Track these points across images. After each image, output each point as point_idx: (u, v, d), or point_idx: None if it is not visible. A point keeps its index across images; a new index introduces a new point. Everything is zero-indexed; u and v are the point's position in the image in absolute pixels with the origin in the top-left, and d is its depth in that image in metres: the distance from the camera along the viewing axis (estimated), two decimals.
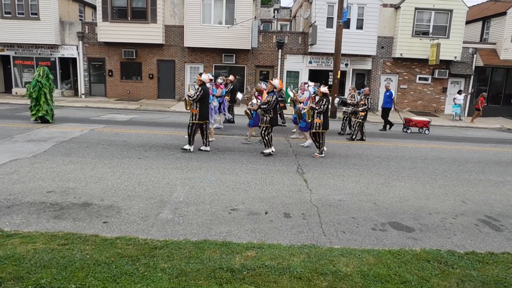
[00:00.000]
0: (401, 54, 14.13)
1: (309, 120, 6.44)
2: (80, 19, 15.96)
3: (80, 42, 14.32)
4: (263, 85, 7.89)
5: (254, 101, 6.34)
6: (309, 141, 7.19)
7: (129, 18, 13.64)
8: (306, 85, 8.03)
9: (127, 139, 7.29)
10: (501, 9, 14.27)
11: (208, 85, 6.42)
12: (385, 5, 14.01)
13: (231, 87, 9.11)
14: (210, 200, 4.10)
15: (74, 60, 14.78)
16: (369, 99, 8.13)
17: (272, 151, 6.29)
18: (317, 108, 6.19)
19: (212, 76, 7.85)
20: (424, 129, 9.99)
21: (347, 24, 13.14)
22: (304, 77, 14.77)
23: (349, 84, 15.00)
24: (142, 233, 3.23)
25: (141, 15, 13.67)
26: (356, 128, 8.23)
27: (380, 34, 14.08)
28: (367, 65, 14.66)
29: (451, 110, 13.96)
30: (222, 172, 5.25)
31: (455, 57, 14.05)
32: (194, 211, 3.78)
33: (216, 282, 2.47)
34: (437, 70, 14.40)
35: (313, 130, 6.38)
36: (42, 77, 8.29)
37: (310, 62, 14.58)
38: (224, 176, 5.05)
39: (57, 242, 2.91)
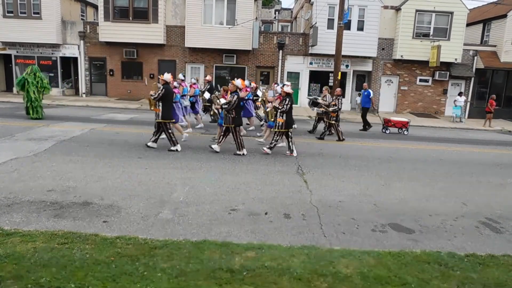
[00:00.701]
0: (401, 56, 14.14)
1: (272, 120, 6.51)
2: (82, 19, 15.99)
3: (82, 41, 14.35)
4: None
5: (223, 100, 6.33)
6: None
7: (130, 18, 13.67)
8: (275, 85, 8.11)
9: (128, 138, 7.29)
10: (501, 12, 14.29)
11: (186, 83, 6.50)
12: (385, 7, 14.03)
13: (208, 87, 9.22)
14: (210, 200, 4.10)
15: (75, 59, 14.81)
16: (340, 100, 8.05)
17: (244, 153, 6.27)
18: (279, 107, 6.25)
19: (184, 76, 8.04)
20: (403, 129, 9.87)
21: (347, 26, 13.15)
22: (304, 78, 14.80)
23: (349, 85, 15.02)
24: (142, 233, 3.22)
25: (142, 15, 13.70)
26: (327, 128, 8.17)
27: (381, 35, 14.09)
28: (368, 67, 14.68)
29: (452, 111, 13.97)
30: (222, 172, 5.24)
31: (456, 59, 14.06)
32: (194, 211, 3.78)
33: (216, 283, 2.47)
34: (437, 72, 14.41)
35: (276, 130, 6.46)
36: (29, 74, 8.48)
37: (311, 63, 14.59)
38: (224, 176, 5.05)
39: (57, 241, 2.91)
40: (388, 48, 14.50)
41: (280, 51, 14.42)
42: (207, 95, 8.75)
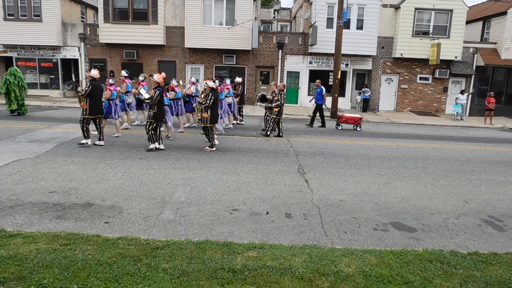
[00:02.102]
0: (401, 54, 14.11)
1: (199, 115, 6.61)
2: (82, 21, 16.03)
3: (82, 43, 14.38)
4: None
5: (147, 95, 6.37)
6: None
7: (130, 19, 13.69)
8: (194, 79, 8.36)
9: (129, 139, 7.30)
10: (501, 9, 14.24)
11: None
12: (385, 6, 14.01)
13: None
14: (211, 200, 4.10)
15: (76, 61, 14.85)
16: (282, 95, 7.99)
17: (156, 147, 6.26)
18: (203, 102, 6.33)
19: (127, 73, 8.22)
20: (356, 126, 9.80)
21: (347, 25, 13.15)
22: (304, 77, 14.79)
23: (349, 84, 15.00)
24: (143, 233, 3.23)
25: (142, 17, 13.72)
26: (271, 124, 8.14)
27: (380, 34, 14.07)
28: (368, 65, 14.66)
29: (452, 109, 13.93)
30: (223, 172, 5.25)
31: (456, 57, 14.03)
32: (195, 211, 3.78)
33: (218, 283, 2.47)
34: (437, 70, 14.38)
35: (202, 125, 6.52)
36: (10, 75, 9.22)
37: (311, 63, 14.58)
38: (225, 176, 5.05)
39: (59, 242, 2.92)
40: (387, 46, 14.48)
41: (280, 50, 14.41)
42: (143, 92, 8.78)
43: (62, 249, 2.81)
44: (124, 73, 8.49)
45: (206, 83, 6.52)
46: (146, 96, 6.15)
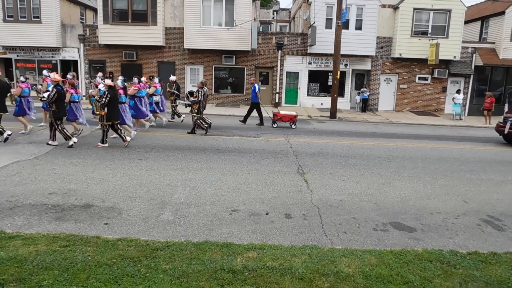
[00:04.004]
0: (400, 54, 14.14)
1: (98, 113, 6.74)
2: (81, 22, 16.04)
3: (81, 44, 14.38)
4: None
5: (46, 94, 6.51)
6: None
7: (129, 20, 13.70)
8: (99, 78, 8.44)
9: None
10: (499, 9, 14.29)
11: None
12: (383, 6, 14.04)
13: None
14: (211, 201, 4.10)
15: (75, 62, 14.83)
16: (200, 93, 8.08)
17: (56, 145, 6.38)
18: (99, 100, 6.46)
19: (48, 72, 8.40)
20: (291, 123, 9.75)
21: (346, 25, 13.17)
22: (304, 78, 14.81)
23: (348, 84, 15.02)
24: (143, 235, 3.23)
25: (141, 18, 13.73)
26: (197, 121, 8.27)
27: (379, 34, 14.10)
28: (367, 66, 14.68)
29: (451, 109, 13.96)
30: (223, 173, 5.25)
31: (455, 57, 14.07)
32: (195, 212, 3.78)
33: (218, 283, 2.47)
34: (436, 70, 14.41)
35: (100, 122, 6.66)
36: None
37: (310, 63, 14.60)
38: (225, 177, 5.05)
39: (59, 243, 2.91)
40: (386, 46, 14.51)
41: (279, 51, 14.43)
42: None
43: (62, 250, 2.80)
44: (45, 72, 8.70)
45: (104, 81, 6.68)
46: (45, 95, 6.29)
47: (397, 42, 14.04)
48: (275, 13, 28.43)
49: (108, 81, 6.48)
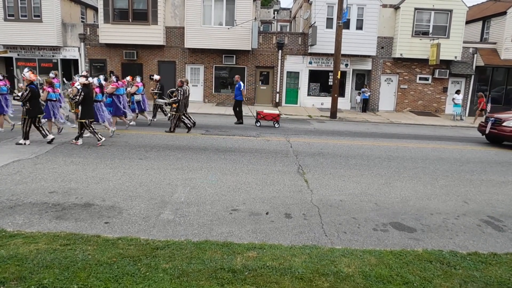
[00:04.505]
0: (401, 54, 14.13)
1: (73, 111, 6.83)
2: (82, 21, 16.04)
3: (82, 43, 14.39)
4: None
5: (19, 93, 6.58)
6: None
7: (130, 19, 13.70)
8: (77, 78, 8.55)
9: (128, 139, 7.30)
10: (501, 9, 14.26)
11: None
12: (384, 6, 14.02)
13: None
14: (211, 200, 4.11)
15: (75, 61, 14.85)
16: (180, 91, 8.14)
17: (25, 143, 6.38)
18: (73, 98, 6.55)
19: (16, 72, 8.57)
20: (274, 122, 9.74)
21: (346, 25, 13.16)
22: (304, 77, 14.80)
23: (349, 84, 15.01)
24: (143, 234, 3.23)
25: (142, 17, 13.73)
26: (173, 120, 8.29)
27: (380, 34, 14.09)
28: (367, 66, 14.67)
29: (452, 110, 13.94)
30: (223, 172, 5.25)
31: (456, 57, 14.05)
32: (195, 211, 3.78)
33: (218, 283, 2.47)
34: (437, 70, 14.39)
35: (76, 120, 6.77)
36: None
37: (310, 63, 14.60)
38: (225, 176, 5.05)
39: (59, 242, 2.92)
40: (387, 46, 14.49)
41: (280, 51, 14.43)
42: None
43: (62, 249, 2.81)
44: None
45: (78, 79, 6.75)
46: (19, 94, 6.35)
47: (398, 42, 14.02)
48: (275, 12, 28.41)
49: (82, 80, 6.55)
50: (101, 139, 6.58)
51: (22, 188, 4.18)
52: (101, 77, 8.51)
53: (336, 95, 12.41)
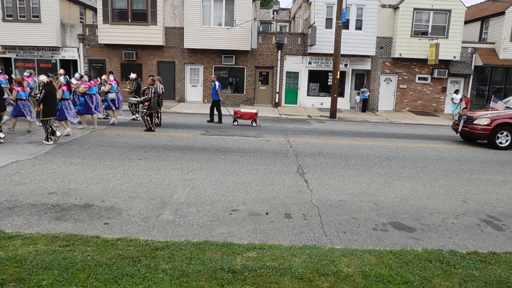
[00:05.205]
0: (400, 54, 14.15)
1: (35, 109, 6.86)
2: (81, 21, 16.02)
3: (81, 44, 14.37)
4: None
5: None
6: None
7: (129, 20, 13.69)
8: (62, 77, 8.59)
9: (128, 140, 7.29)
10: (499, 9, 14.31)
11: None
12: (383, 6, 14.05)
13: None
14: (210, 201, 4.10)
15: (75, 62, 14.83)
16: (151, 90, 8.21)
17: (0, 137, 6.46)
18: (34, 96, 6.64)
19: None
20: (252, 121, 9.75)
21: (346, 25, 13.17)
22: (303, 77, 14.81)
23: (348, 84, 15.03)
24: (143, 234, 3.23)
25: (141, 17, 13.72)
26: (145, 117, 8.32)
27: (379, 34, 14.11)
28: (367, 66, 14.69)
29: (451, 109, 13.97)
30: (223, 173, 5.25)
31: (454, 57, 14.08)
32: (195, 212, 3.78)
33: (217, 283, 2.47)
34: (436, 70, 14.42)
35: (38, 118, 6.79)
36: None
37: (310, 63, 14.61)
38: (225, 177, 5.05)
39: (59, 243, 2.91)
40: (386, 46, 14.52)
41: (279, 51, 14.43)
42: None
43: (61, 250, 2.80)
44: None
45: (39, 78, 6.77)
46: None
47: (397, 42, 14.05)
48: (275, 13, 28.43)
49: (43, 78, 6.58)
50: (50, 140, 6.52)
51: (21, 189, 4.17)
52: (77, 75, 8.59)
53: (335, 95, 12.42)
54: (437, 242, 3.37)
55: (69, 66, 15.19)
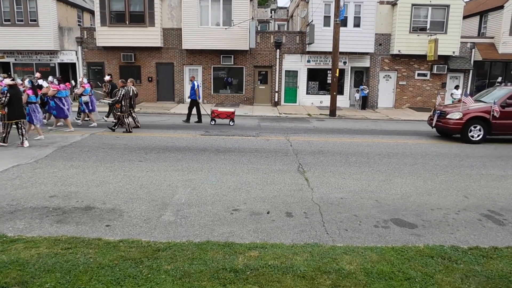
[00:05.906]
0: (399, 51, 14.13)
1: (0, 112, 6.89)
2: (79, 25, 16.03)
3: (79, 47, 14.38)
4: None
5: None
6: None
7: (127, 22, 13.69)
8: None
9: (128, 142, 7.30)
10: (498, 3, 14.26)
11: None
12: (381, 2, 14.02)
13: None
14: (212, 201, 4.11)
15: (73, 65, 14.85)
16: (121, 92, 8.30)
17: None
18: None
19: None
20: (229, 120, 9.69)
21: (344, 22, 13.16)
22: (302, 76, 14.80)
23: (348, 82, 15.01)
24: (144, 236, 3.23)
25: (139, 19, 13.72)
26: (123, 119, 8.39)
27: (378, 31, 14.09)
28: (366, 63, 14.67)
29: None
30: (223, 173, 5.25)
31: (454, 52, 14.05)
32: (196, 212, 3.79)
33: (220, 283, 2.48)
34: (435, 66, 14.40)
35: (1, 122, 6.75)
36: None
37: (309, 61, 14.59)
38: (225, 177, 5.06)
39: (61, 246, 2.92)
40: (385, 43, 14.49)
41: (277, 50, 14.42)
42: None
43: (64, 253, 2.81)
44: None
45: (4, 81, 6.79)
46: None
47: (396, 38, 14.02)
48: (273, 12, 28.39)
49: (7, 81, 6.60)
50: (24, 141, 6.56)
51: (22, 193, 4.18)
52: (50, 78, 8.61)
53: (335, 93, 12.41)
54: (438, 238, 3.37)
55: (68, 69, 15.22)
